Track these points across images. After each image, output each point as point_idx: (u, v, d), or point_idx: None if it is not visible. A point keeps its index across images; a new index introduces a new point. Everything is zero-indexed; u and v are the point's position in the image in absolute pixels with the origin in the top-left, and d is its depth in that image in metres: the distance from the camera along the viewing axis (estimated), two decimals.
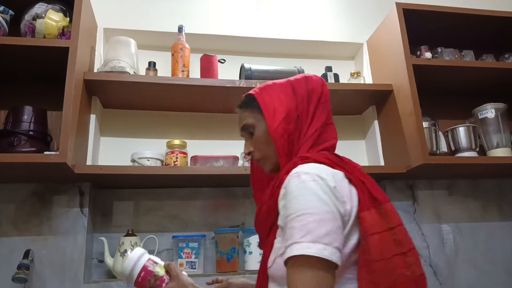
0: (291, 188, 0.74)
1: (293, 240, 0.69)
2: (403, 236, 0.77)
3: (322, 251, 0.67)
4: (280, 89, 0.91)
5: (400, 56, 1.60)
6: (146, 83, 1.50)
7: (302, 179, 0.74)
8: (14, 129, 1.35)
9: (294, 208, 0.72)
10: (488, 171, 1.76)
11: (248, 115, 0.93)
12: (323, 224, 0.69)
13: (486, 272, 1.74)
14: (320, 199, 0.72)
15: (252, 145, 0.93)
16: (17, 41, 1.34)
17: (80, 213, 1.46)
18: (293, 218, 0.71)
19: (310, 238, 0.68)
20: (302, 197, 0.72)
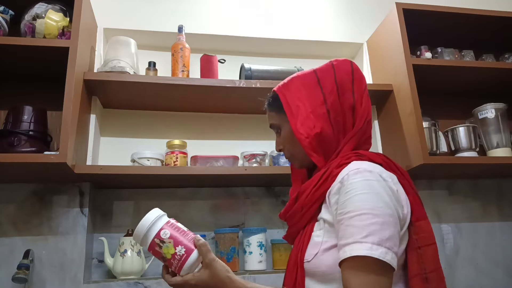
0: (352, 185, 0.71)
1: (354, 239, 0.67)
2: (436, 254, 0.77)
3: (385, 255, 0.65)
4: (302, 83, 0.87)
5: (400, 56, 1.60)
6: (146, 83, 1.50)
7: (365, 177, 0.72)
8: (14, 129, 1.35)
9: (355, 205, 0.69)
10: (488, 171, 1.76)
11: (274, 116, 0.92)
12: (386, 227, 0.68)
13: (486, 272, 1.74)
14: (384, 200, 0.70)
15: (282, 144, 0.92)
16: (17, 41, 1.34)
17: (80, 213, 1.46)
18: (354, 216, 0.68)
19: (373, 239, 0.66)
20: (365, 195, 0.70)
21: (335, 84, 0.84)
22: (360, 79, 0.87)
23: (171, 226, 0.81)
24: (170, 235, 0.79)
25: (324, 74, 0.86)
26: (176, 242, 0.78)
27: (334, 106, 0.83)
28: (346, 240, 0.68)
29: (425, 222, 0.75)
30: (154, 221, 0.80)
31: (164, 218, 0.82)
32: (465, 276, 1.71)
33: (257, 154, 1.58)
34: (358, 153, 0.80)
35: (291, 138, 0.87)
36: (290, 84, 0.89)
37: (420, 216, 0.75)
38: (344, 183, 0.73)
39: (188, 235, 0.81)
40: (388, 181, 0.73)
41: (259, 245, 1.50)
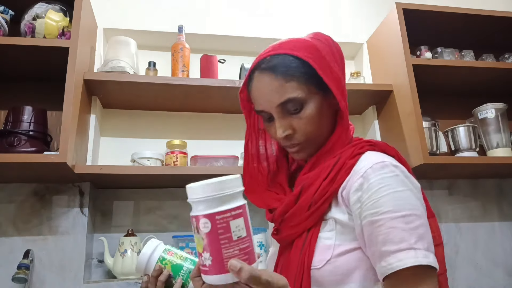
0: (384, 181, 0.63)
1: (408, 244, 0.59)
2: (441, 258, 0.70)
3: (435, 261, 0.60)
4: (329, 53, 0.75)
5: (400, 56, 1.60)
6: (146, 83, 1.50)
7: (394, 172, 0.64)
8: (14, 129, 1.35)
9: (395, 204, 0.61)
10: (488, 171, 1.76)
11: (296, 86, 0.70)
12: (427, 228, 0.62)
13: (486, 272, 1.74)
14: (418, 198, 0.64)
15: (294, 126, 0.72)
16: (17, 41, 1.34)
17: (80, 213, 1.46)
18: (397, 217, 0.60)
19: (424, 245, 0.59)
20: (402, 193, 0.62)
21: (342, 58, 0.79)
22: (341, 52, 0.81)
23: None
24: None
25: (330, 46, 0.78)
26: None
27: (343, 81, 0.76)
28: (396, 245, 0.59)
29: (434, 220, 0.69)
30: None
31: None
32: (465, 276, 1.71)
33: None
34: (371, 142, 0.72)
35: (321, 116, 0.71)
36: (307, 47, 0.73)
37: (429, 213, 0.68)
38: (369, 178, 0.64)
39: None
40: (411, 176, 0.67)
41: (259, 245, 1.50)
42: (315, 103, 0.71)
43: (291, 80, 0.70)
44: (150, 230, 1.57)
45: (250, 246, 0.55)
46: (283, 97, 0.70)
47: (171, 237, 1.53)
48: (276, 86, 0.70)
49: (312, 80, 0.70)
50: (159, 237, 1.52)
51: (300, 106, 0.71)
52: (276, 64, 0.71)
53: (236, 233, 0.54)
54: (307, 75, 0.70)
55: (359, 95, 1.72)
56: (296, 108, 0.71)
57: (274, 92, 0.70)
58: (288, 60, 0.71)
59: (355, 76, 1.79)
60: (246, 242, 0.54)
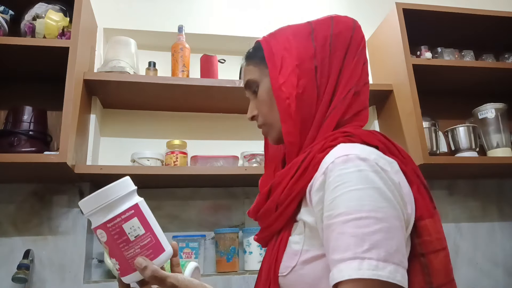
0: (342, 177, 0.54)
1: (353, 253, 0.50)
2: (449, 261, 0.60)
3: (395, 275, 0.49)
4: (292, 33, 0.70)
5: (400, 56, 1.60)
6: (146, 83, 1.50)
7: (358, 166, 0.54)
8: (14, 129, 1.35)
9: (349, 206, 0.52)
10: (488, 171, 1.76)
11: (252, 69, 0.73)
12: (393, 235, 0.51)
13: (486, 272, 1.74)
14: (386, 198, 0.53)
15: (256, 107, 0.74)
16: (17, 41, 1.34)
17: (80, 213, 1.46)
18: (349, 220, 0.51)
19: (379, 254, 0.49)
20: (361, 192, 0.52)
21: (329, 37, 0.68)
22: (360, 40, 0.70)
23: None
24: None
25: (320, 26, 0.70)
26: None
27: (323, 64, 0.67)
28: (340, 254, 0.51)
29: (432, 221, 0.58)
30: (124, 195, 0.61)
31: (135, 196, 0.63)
32: (465, 276, 1.71)
33: (257, 154, 1.58)
34: (348, 133, 0.62)
35: (270, 98, 0.70)
36: (278, 33, 0.72)
37: (424, 213, 0.58)
38: (329, 174, 0.56)
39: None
40: (388, 170, 0.56)
41: (259, 245, 1.50)
42: (265, 84, 0.71)
43: (250, 64, 0.75)
44: None
45: (153, 240, 0.57)
46: (244, 80, 0.76)
47: (171, 237, 1.53)
48: (244, 71, 0.76)
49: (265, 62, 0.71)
50: None
51: (257, 87, 0.73)
52: (248, 52, 0.76)
53: (132, 234, 0.56)
54: (261, 57, 0.71)
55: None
56: (255, 90, 0.74)
57: (243, 77, 0.77)
58: (254, 47, 0.75)
59: None
60: (146, 238, 0.57)
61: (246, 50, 0.77)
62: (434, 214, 0.60)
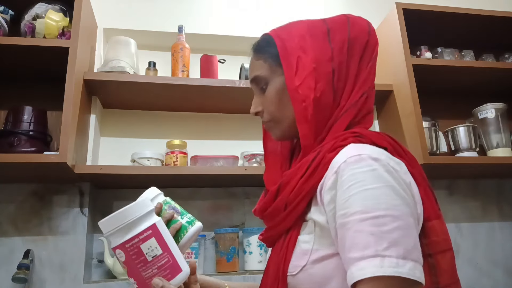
0: (356, 176, 0.54)
1: (374, 251, 0.50)
2: (454, 262, 0.61)
3: (414, 271, 0.50)
4: (308, 31, 0.68)
5: (400, 56, 1.60)
6: (146, 83, 1.50)
7: (370, 166, 0.55)
8: (14, 129, 1.35)
9: (364, 204, 0.53)
10: (488, 171, 1.76)
11: (261, 65, 0.71)
12: (410, 232, 0.52)
13: (486, 272, 1.74)
14: (401, 196, 0.54)
15: (262, 104, 0.73)
16: (17, 41, 1.34)
17: (80, 213, 1.46)
18: (366, 219, 0.52)
19: (398, 252, 0.50)
20: (376, 191, 0.53)
21: (347, 41, 0.68)
22: (375, 44, 0.72)
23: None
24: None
25: (337, 26, 0.69)
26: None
27: (341, 68, 0.67)
28: (360, 252, 0.51)
29: (439, 222, 0.60)
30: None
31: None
32: (465, 276, 1.71)
33: (257, 154, 1.58)
34: (357, 133, 0.62)
35: (281, 98, 0.69)
36: (291, 28, 0.70)
37: (432, 214, 0.59)
38: (342, 174, 0.56)
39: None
40: (398, 170, 0.57)
41: (259, 245, 1.50)
42: (276, 83, 0.70)
43: (260, 59, 0.72)
44: None
45: (170, 260, 0.58)
46: (252, 74, 0.73)
47: None
48: (251, 64, 0.74)
49: (278, 60, 0.69)
50: None
51: (265, 84, 0.72)
52: (257, 43, 0.74)
53: (149, 254, 0.57)
54: (273, 55, 0.69)
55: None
56: (263, 87, 0.72)
57: (251, 70, 0.74)
58: (264, 39, 0.72)
59: None
60: (163, 258, 0.58)
61: (246, 50, 0.77)
62: (440, 215, 0.61)
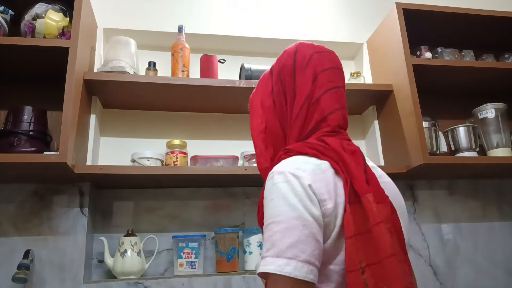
0: (265, 192, 0.68)
1: (262, 253, 0.63)
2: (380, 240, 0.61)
3: (283, 267, 0.59)
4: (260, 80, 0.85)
5: (400, 56, 1.60)
6: (146, 83, 1.50)
7: (274, 181, 0.66)
8: (14, 129, 1.35)
9: (266, 215, 0.65)
10: (488, 171, 1.76)
11: None
12: (289, 233, 0.61)
13: (486, 272, 1.74)
14: (288, 203, 0.63)
15: None
16: (17, 41, 1.34)
17: (80, 213, 1.46)
18: (265, 227, 0.65)
19: (273, 252, 0.61)
20: (272, 202, 0.65)
21: (279, 72, 0.78)
22: (302, 59, 0.76)
23: None
24: None
25: (275, 65, 0.81)
26: None
27: (279, 95, 0.77)
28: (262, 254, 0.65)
29: (358, 207, 0.63)
30: None
31: None
32: (465, 276, 1.71)
33: None
34: (287, 149, 0.73)
35: None
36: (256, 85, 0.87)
37: (352, 199, 0.64)
38: (264, 190, 0.69)
39: None
40: (301, 177, 0.64)
41: (259, 245, 1.50)
42: None
43: None
44: (150, 230, 1.57)
45: None
46: None
47: (171, 237, 1.54)
48: None
49: None
50: (159, 237, 1.53)
51: None
52: None
53: None
54: None
55: (359, 95, 1.72)
56: None
57: None
58: None
59: (355, 76, 1.79)
60: None
61: (246, 50, 0.89)
62: (359, 200, 0.64)
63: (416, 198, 1.77)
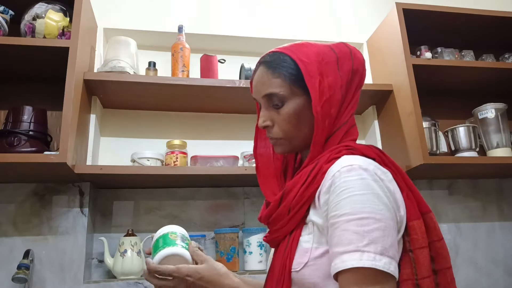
0: (347, 183, 0.64)
1: (354, 247, 0.60)
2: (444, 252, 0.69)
3: (389, 266, 0.60)
4: (323, 58, 0.76)
5: (400, 56, 1.60)
6: (146, 83, 1.50)
7: (360, 175, 0.64)
8: (14, 129, 1.35)
9: (353, 207, 0.62)
10: (488, 171, 1.76)
11: (280, 84, 0.75)
12: (388, 233, 0.61)
13: (486, 272, 1.74)
14: (383, 202, 0.63)
15: (274, 120, 0.77)
16: (17, 41, 1.34)
17: (80, 213, 1.46)
18: (352, 220, 0.61)
19: (376, 248, 0.59)
20: (363, 196, 0.62)
21: (351, 72, 0.77)
22: (364, 75, 0.81)
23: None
24: None
25: (344, 57, 0.77)
26: None
27: (346, 95, 0.76)
28: (344, 247, 0.61)
29: (418, 222, 0.68)
30: None
31: None
32: (465, 276, 1.71)
33: None
34: (349, 146, 0.72)
35: (299, 118, 0.75)
36: (308, 51, 0.76)
37: (413, 215, 0.68)
38: (335, 181, 0.65)
39: None
40: (384, 179, 0.66)
41: (259, 245, 1.50)
42: (295, 104, 0.75)
43: (278, 77, 0.75)
44: (150, 230, 1.56)
45: None
46: (267, 90, 0.76)
47: None
48: (265, 79, 0.76)
49: (298, 81, 0.74)
50: None
51: (281, 102, 0.76)
52: (271, 60, 0.77)
53: None
54: (294, 76, 0.74)
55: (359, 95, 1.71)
56: (277, 104, 0.76)
57: (263, 83, 0.77)
58: (282, 59, 0.76)
59: None
60: None
61: (246, 50, 0.84)
62: (420, 216, 0.69)
63: None
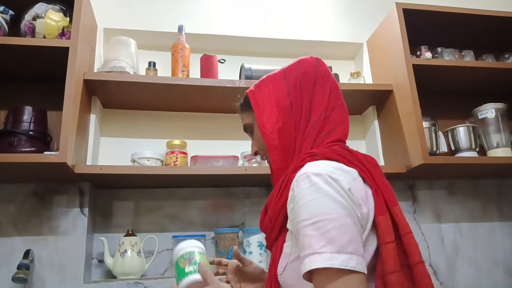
0: (301, 191, 0.68)
1: (313, 250, 0.63)
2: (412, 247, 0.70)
3: (348, 262, 0.61)
4: (271, 80, 0.87)
5: (400, 56, 1.60)
6: (146, 83, 1.50)
7: (312, 181, 0.67)
8: (14, 129, 1.35)
9: (307, 213, 0.65)
10: (488, 171, 1.76)
11: (246, 116, 0.92)
12: (346, 230, 0.63)
13: (486, 272, 1.74)
14: (337, 201, 0.65)
15: (255, 145, 0.92)
16: (17, 41, 1.34)
17: (80, 213, 1.46)
18: (308, 224, 0.64)
19: (333, 248, 0.62)
20: (316, 201, 0.65)
21: (298, 77, 0.84)
22: (323, 73, 0.85)
23: None
24: None
25: (290, 69, 0.87)
26: None
27: (296, 99, 0.82)
28: (305, 251, 0.64)
29: (384, 218, 0.69)
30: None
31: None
32: (465, 276, 1.71)
33: None
34: (313, 153, 0.76)
35: (261, 136, 0.86)
36: (260, 83, 0.89)
37: (379, 211, 0.70)
38: (294, 190, 0.70)
39: None
40: (339, 180, 0.68)
41: (259, 245, 1.50)
42: (256, 126, 0.87)
43: (244, 112, 0.93)
44: (150, 230, 1.57)
45: None
46: (242, 124, 0.95)
47: (171, 237, 1.54)
48: (240, 117, 0.96)
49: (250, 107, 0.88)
50: (159, 237, 1.53)
51: (251, 130, 0.92)
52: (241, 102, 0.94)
53: None
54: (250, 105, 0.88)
55: (359, 95, 1.72)
56: (251, 132, 0.93)
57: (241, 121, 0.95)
58: (245, 98, 0.91)
59: (355, 76, 1.79)
60: None
61: (246, 50, 0.87)
62: (386, 211, 0.70)
63: (416, 198, 1.77)
